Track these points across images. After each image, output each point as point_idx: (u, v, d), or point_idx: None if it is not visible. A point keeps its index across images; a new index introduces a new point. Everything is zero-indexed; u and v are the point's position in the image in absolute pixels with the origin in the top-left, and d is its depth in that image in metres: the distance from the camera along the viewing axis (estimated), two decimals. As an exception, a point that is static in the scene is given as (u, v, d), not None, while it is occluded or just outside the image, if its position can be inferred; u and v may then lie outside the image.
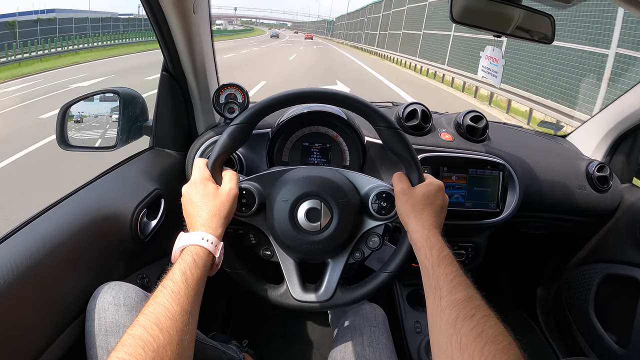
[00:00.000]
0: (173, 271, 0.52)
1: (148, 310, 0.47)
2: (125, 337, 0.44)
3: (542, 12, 0.88)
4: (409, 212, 0.62)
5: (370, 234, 0.68)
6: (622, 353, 1.03)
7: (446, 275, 0.53)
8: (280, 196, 0.65)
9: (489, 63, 0.98)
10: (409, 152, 0.65)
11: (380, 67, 13.74)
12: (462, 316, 0.47)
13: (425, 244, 0.58)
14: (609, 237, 1.14)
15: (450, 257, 0.56)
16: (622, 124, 1.10)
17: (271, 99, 0.65)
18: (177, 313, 0.48)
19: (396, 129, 0.65)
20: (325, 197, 0.65)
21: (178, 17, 0.76)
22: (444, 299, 0.51)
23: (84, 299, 0.64)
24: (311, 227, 0.64)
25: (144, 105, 0.98)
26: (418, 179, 0.65)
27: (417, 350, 0.96)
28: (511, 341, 0.45)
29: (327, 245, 0.65)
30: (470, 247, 1.03)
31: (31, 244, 0.60)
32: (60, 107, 0.88)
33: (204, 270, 0.55)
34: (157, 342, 0.44)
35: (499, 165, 0.96)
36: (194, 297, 0.51)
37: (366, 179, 0.70)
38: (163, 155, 0.97)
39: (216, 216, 0.59)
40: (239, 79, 0.93)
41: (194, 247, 0.55)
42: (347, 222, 0.65)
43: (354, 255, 0.69)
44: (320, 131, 0.94)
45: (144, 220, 0.82)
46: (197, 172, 0.63)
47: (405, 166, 0.66)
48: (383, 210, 0.66)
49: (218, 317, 1.23)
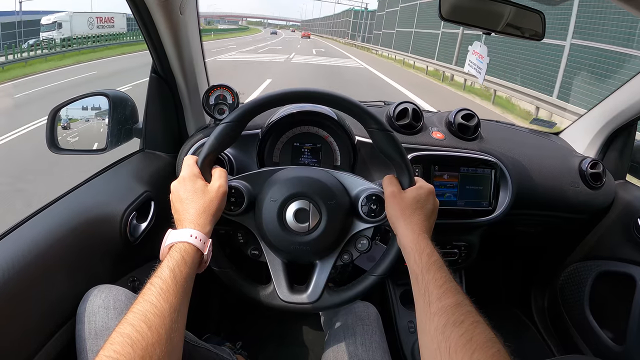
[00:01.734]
0: (161, 269, 0.52)
1: (136, 308, 0.47)
2: (113, 336, 0.44)
3: (532, 9, 0.88)
4: (399, 215, 0.61)
5: (359, 237, 0.68)
6: (618, 350, 1.02)
7: (435, 281, 0.53)
8: (269, 196, 0.65)
9: (475, 59, 0.98)
10: (400, 155, 0.64)
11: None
12: (452, 322, 0.47)
13: (415, 248, 0.57)
14: (603, 234, 1.14)
15: (439, 262, 0.56)
16: (615, 120, 1.09)
17: (261, 98, 0.64)
18: (166, 311, 0.47)
19: (388, 131, 0.64)
20: (314, 198, 0.64)
21: (165, 18, 0.76)
22: (433, 304, 0.50)
23: (74, 303, 0.63)
24: (299, 228, 0.64)
25: (133, 107, 0.98)
26: (409, 183, 0.64)
27: (410, 350, 0.96)
28: (500, 347, 0.45)
29: (315, 246, 0.65)
30: (463, 245, 1.02)
31: (19, 248, 0.59)
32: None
33: (192, 267, 0.54)
34: (146, 340, 0.44)
35: (491, 164, 0.96)
36: (182, 295, 0.51)
37: (356, 180, 0.69)
38: (153, 157, 0.97)
39: (205, 213, 0.59)
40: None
41: (183, 244, 0.55)
42: (336, 224, 0.65)
43: (342, 257, 0.68)
44: (311, 131, 0.93)
45: (134, 223, 0.82)
46: (186, 169, 0.63)
47: (396, 169, 0.66)
48: (373, 212, 0.66)
49: (212, 319, 1.23)
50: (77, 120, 0.95)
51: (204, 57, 0.97)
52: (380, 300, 1.09)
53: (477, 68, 1.03)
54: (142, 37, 0.84)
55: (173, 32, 0.80)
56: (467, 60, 1.00)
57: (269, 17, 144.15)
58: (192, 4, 0.82)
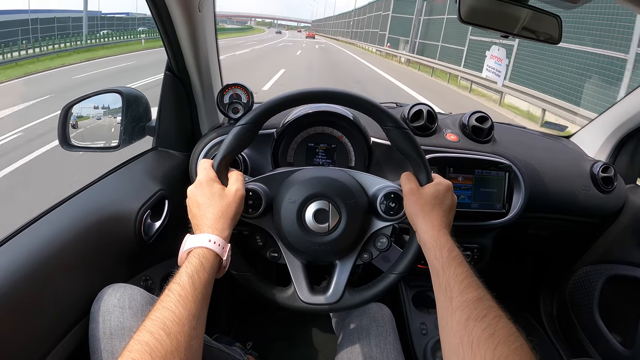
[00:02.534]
0: (180, 274, 0.51)
1: (155, 315, 0.46)
2: (132, 343, 0.43)
3: (550, 13, 0.88)
4: (418, 212, 0.61)
5: (379, 235, 0.68)
6: (627, 354, 1.02)
7: (457, 276, 0.53)
8: (288, 197, 0.64)
9: (494, 62, 0.98)
10: (418, 152, 0.64)
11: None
12: (474, 317, 0.47)
13: (435, 244, 0.57)
14: (613, 238, 1.14)
15: (460, 257, 0.56)
16: (626, 124, 1.10)
17: (277, 99, 0.64)
18: (185, 318, 0.47)
19: (404, 129, 0.64)
20: (333, 198, 0.64)
21: (183, 15, 0.75)
22: (454, 299, 0.50)
23: (87, 302, 0.62)
24: (319, 229, 0.63)
25: (147, 105, 0.97)
26: (427, 179, 0.64)
27: (422, 352, 0.96)
28: (523, 342, 0.45)
29: (335, 246, 0.64)
30: (476, 248, 1.02)
31: (33, 246, 0.59)
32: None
33: (211, 273, 0.53)
34: (165, 348, 0.43)
35: (504, 166, 0.96)
36: (201, 301, 0.50)
37: (374, 179, 0.69)
38: (166, 155, 0.96)
39: (223, 217, 0.58)
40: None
41: (201, 250, 0.54)
42: (356, 223, 0.65)
43: (362, 256, 0.68)
44: (325, 132, 0.93)
45: (148, 222, 0.81)
46: (202, 173, 0.62)
47: (413, 166, 0.66)
48: (391, 210, 0.65)
49: (221, 318, 1.22)
50: (88, 118, 0.94)
51: (219, 55, 0.96)
52: (392, 302, 1.08)
53: (496, 72, 1.03)
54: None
55: (191, 30, 0.79)
56: (485, 65, 1.00)
57: (279, 18, 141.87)
58: (210, 2, 0.81)
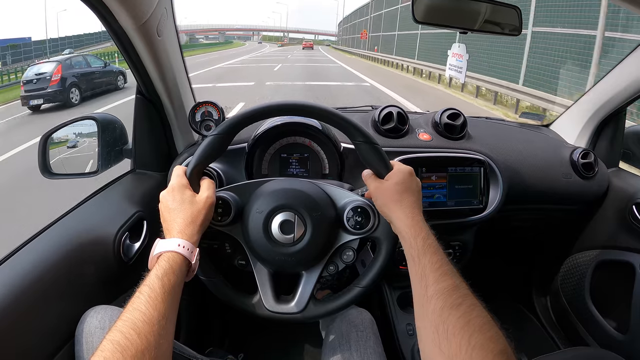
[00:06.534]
0: (150, 277, 0.53)
1: (126, 315, 0.48)
2: (104, 343, 0.45)
3: (508, 5, 0.88)
4: (388, 203, 0.62)
5: (345, 248, 0.69)
6: (623, 339, 1.01)
7: (432, 264, 0.53)
8: (256, 207, 0.66)
9: (455, 60, 0.98)
10: (385, 165, 0.65)
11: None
12: (449, 305, 0.48)
13: (410, 232, 0.58)
14: (600, 223, 1.13)
15: (435, 245, 0.56)
16: (603, 108, 1.09)
17: (248, 111, 0.66)
18: (155, 318, 0.49)
19: (374, 144, 0.65)
20: (299, 209, 0.65)
21: (144, 42, 0.77)
22: (430, 287, 0.51)
23: (73, 325, 0.64)
24: (284, 239, 0.64)
25: (122, 128, 0.99)
26: (386, 169, 0.64)
27: (410, 353, 0.96)
28: (497, 330, 0.46)
29: (300, 257, 0.65)
30: (457, 245, 1.02)
31: (16, 276, 0.61)
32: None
33: (180, 276, 0.55)
34: (135, 347, 0.45)
35: (478, 162, 0.96)
36: (171, 303, 0.52)
37: (342, 192, 0.69)
38: (144, 177, 0.98)
39: (192, 223, 0.60)
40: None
41: (171, 254, 0.56)
42: (321, 235, 0.65)
43: (328, 268, 0.69)
44: (298, 141, 0.94)
45: (127, 243, 0.83)
46: (175, 179, 0.64)
47: (375, 170, 0.66)
48: (358, 225, 0.66)
49: (214, 333, 1.23)
50: (66, 145, 0.97)
51: (188, 74, 0.98)
52: (378, 304, 1.08)
53: (458, 69, 1.03)
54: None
55: (153, 55, 0.81)
56: (447, 64, 1.00)
57: (259, 29, 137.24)
58: (170, 25, 0.83)
